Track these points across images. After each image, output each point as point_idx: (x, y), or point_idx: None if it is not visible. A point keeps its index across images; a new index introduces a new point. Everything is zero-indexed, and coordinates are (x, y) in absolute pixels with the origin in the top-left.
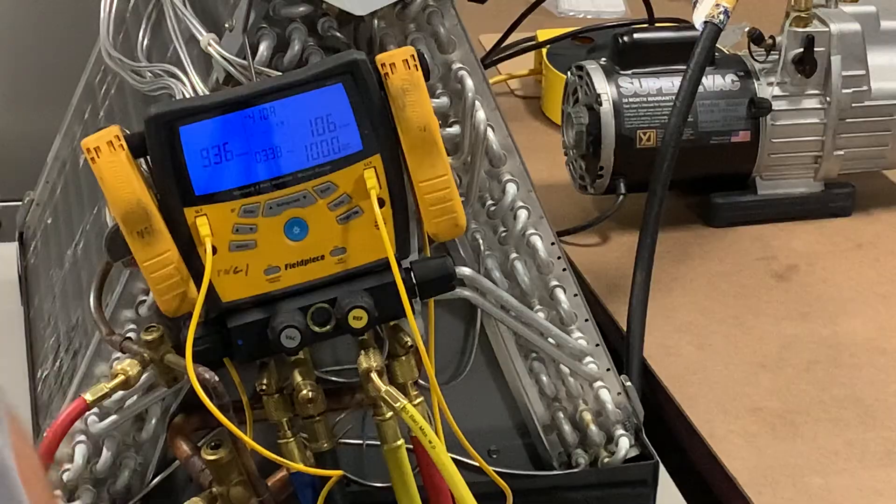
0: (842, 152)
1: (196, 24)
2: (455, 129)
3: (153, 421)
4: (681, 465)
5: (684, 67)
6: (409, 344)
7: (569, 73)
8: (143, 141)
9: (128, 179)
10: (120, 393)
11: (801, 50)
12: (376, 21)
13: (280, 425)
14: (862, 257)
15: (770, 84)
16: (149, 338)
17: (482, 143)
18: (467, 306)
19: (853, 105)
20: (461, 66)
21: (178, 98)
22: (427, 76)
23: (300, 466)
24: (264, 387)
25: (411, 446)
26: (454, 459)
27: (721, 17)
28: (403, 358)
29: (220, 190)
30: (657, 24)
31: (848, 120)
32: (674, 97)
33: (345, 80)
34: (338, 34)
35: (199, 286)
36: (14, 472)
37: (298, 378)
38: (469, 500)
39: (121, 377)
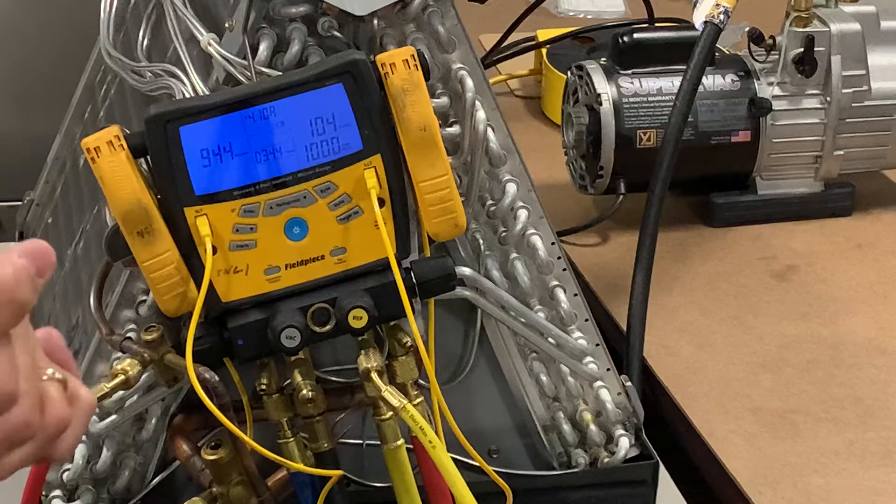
0: (842, 152)
1: (196, 24)
2: (455, 129)
3: (153, 421)
4: (681, 465)
5: (684, 67)
6: (409, 344)
7: (569, 73)
8: (143, 141)
9: (128, 179)
10: (120, 393)
11: (802, 50)
12: (376, 21)
13: (280, 425)
14: (862, 257)
15: (770, 84)
16: (149, 338)
17: (482, 143)
18: (467, 306)
19: (853, 105)
20: (461, 66)
21: (178, 98)
22: (427, 76)
23: (300, 466)
24: (264, 387)
25: (411, 446)
26: (454, 459)
27: (721, 17)
28: (403, 358)
29: (220, 190)
30: (657, 24)
31: (848, 120)
32: (674, 97)
33: (345, 80)
34: (338, 34)
35: (199, 286)
36: None
37: (298, 378)
38: (469, 500)
39: (121, 377)
